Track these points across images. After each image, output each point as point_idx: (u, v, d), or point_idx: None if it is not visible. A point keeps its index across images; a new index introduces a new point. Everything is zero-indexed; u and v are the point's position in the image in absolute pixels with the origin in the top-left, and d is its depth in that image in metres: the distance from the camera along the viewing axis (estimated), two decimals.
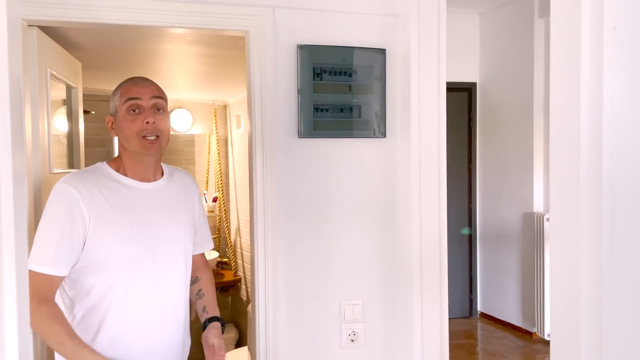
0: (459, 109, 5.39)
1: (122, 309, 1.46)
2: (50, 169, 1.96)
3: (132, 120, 1.48)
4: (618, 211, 0.92)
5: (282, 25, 1.95)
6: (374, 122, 2.05)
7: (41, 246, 1.39)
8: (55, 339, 1.35)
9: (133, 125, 1.48)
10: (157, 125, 1.49)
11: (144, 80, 1.55)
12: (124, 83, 1.54)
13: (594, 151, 0.93)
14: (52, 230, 1.39)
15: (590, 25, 0.92)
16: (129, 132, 1.48)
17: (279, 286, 1.96)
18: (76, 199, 1.40)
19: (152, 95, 1.51)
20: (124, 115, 1.48)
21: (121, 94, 1.51)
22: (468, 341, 4.83)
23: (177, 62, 3.13)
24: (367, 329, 2.07)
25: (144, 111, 1.49)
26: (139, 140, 1.48)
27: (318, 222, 2.01)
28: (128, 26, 1.81)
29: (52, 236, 1.39)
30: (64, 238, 1.39)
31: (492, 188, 5.27)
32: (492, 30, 5.18)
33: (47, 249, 1.38)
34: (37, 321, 1.34)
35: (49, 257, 1.38)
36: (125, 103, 1.48)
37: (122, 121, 1.49)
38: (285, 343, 1.98)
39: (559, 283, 1.01)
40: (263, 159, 1.93)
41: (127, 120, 1.48)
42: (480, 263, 5.45)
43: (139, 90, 1.50)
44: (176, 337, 1.57)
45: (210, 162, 4.40)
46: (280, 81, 1.95)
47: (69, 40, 2.35)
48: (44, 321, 1.35)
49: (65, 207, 1.40)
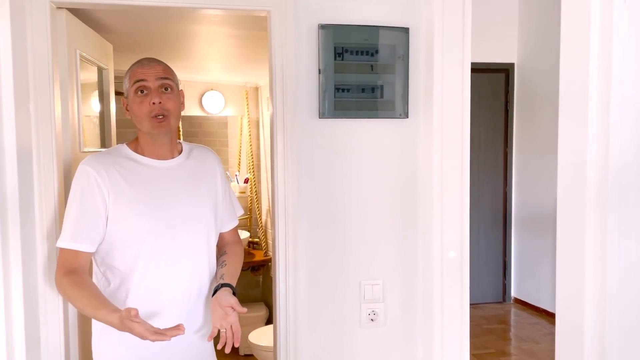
0: (495, 91, 5.26)
1: (144, 284, 1.51)
2: (80, 147, 2.03)
3: (141, 101, 1.52)
4: (625, 197, 0.90)
5: (304, 4, 1.94)
6: (396, 103, 2.03)
7: (65, 224, 1.50)
8: (78, 304, 1.45)
9: (142, 107, 1.52)
10: (164, 105, 1.53)
11: (150, 61, 1.57)
12: (133, 65, 1.57)
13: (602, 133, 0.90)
14: (72, 209, 1.49)
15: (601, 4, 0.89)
16: (139, 113, 1.52)
17: (300, 265, 1.99)
18: (94, 178, 1.48)
19: (157, 77, 1.53)
20: (132, 98, 1.53)
21: (130, 77, 1.55)
22: (500, 326, 4.78)
23: (208, 43, 3.17)
24: (387, 309, 2.08)
25: (150, 92, 1.53)
26: (149, 121, 1.52)
27: (338, 202, 2.01)
28: (153, 7, 1.84)
29: (72, 214, 1.49)
30: (82, 215, 1.48)
31: (529, 171, 5.15)
32: (533, 10, 5.00)
33: (68, 226, 1.49)
34: (63, 290, 1.48)
35: (69, 233, 1.48)
36: (133, 85, 1.53)
37: (132, 103, 1.54)
38: (305, 321, 2.01)
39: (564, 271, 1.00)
40: (284, 139, 1.95)
41: (135, 102, 1.52)
42: (515, 248, 5.35)
43: (145, 71, 1.53)
44: (200, 311, 1.60)
45: (242, 144, 4.45)
46: (301, 61, 1.95)
47: (100, 23, 2.40)
48: (67, 289, 1.45)
49: (85, 187, 1.49)
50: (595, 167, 0.93)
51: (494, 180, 5.31)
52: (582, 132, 0.94)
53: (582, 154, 0.95)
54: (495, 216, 5.33)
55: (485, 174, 5.26)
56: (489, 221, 5.30)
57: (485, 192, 5.26)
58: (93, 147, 2.33)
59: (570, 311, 0.99)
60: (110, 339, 1.52)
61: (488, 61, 5.10)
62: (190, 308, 1.58)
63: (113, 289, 1.53)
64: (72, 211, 1.49)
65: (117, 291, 1.52)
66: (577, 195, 0.96)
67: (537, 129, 5.01)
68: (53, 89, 1.77)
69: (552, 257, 4.85)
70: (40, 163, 1.75)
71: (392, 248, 2.08)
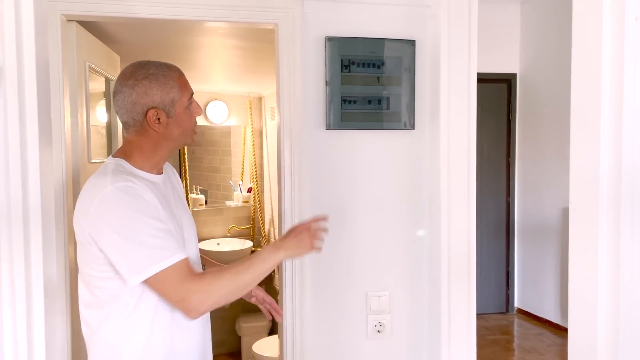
0: (497, 101, 5.28)
1: None
2: (88, 158, 2.05)
3: (191, 116, 1.41)
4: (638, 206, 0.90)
5: (311, 17, 1.96)
6: (403, 114, 2.04)
7: (154, 243, 1.26)
8: (237, 282, 1.32)
9: (191, 121, 1.41)
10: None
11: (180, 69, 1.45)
12: (173, 74, 1.37)
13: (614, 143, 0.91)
14: (152, 225, 1.27)
15: (612, 16, 0.90)
16: (188, 127, 1.40)
17: (305, 276, 1.99)
18: (140, 194, 1.30)
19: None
20: (185, 111, 1.38)
21: (181, 88, 1.37)
22: (504, 337, 4.76)
23: (213, 54, 3.19)
24: (394, 320, 2.08)
25: (192, 105, 1.43)
26: (191, 134, 1.42)
27: (345, 213, 2.02)
28: (161, 20, 1.86)
29: (158, 228, 1.27)
30: (165, 226, 1.30)
31: (532, 181, 5.15)
32: (535, 20, 5.03)
33: (164, 242, 1.27)
34: (209, 292, 1.29)
35: (172, 245, 1.28)
36: (190, 98, 1.39)
37: (183, 117, 1.38)
38: (311, 332, 2.01)
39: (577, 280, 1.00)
40: (291, 150, 1.96)
41: (189, 115, 1.39)
42: (518, 258, 5.34)
43: (187, 82, 1.42)
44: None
45: (246, 153, 4.46)
46: (308, 73, 1.97)
47: (108, 34, 2.43)
48: (207, 288, 1.29)
49: (145, 205, 1.29)
50: (608, 176, 0.94)
51: (497, 190, 5.31)
52: (595, 142, 0.95)
53: (594, 163, 0.96)
54: (498, 226, 5.33)
55: (487, 183, 5.26)
56: (492, 231, 5.29)
57: (487, 202, 5.27)
58: (100, 158, 2.34)
59: (583, 326, 0.99)
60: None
61: (490, 71, 5.12)
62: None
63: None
64: (155, 226, 1.26)
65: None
66: (590, 205, 0.97)
67: (539, 139, 5.02)
68: (63, 100, 1.79)
69: (556, 267, 4.85)
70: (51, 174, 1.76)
71: (399, 259, 2.08)
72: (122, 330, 1.32)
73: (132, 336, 1.32)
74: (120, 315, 1.32)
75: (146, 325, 1.33)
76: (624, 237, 0.90)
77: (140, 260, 1.24)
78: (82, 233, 1.29)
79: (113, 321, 1.32)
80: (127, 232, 1.24)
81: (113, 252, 1.25)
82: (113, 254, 1.26)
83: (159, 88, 1.34)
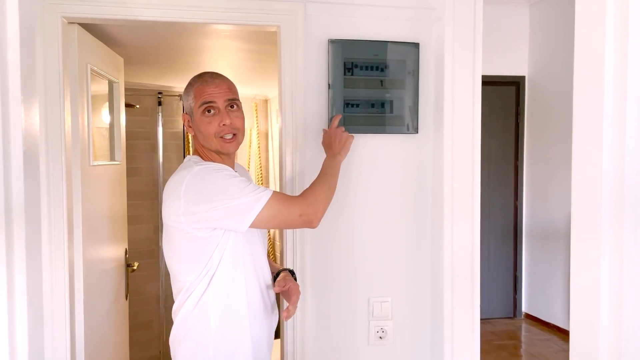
0: (505, 104, 5.23)
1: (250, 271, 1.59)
2: (89, 161, 2.04)
3: (209, 122, 1.51)
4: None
5: (314, 19, 1.94)
6: (406, 118, 2.01)
7: (246, 192, 1.44)
8: (324, 190, 1.59)
9: (210, 127, 1.51)
10: (233, 123, 1.53)
11: (214, 77, 1.55)
12: (196, 82, 1.54)
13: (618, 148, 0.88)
14: (238, 183, 1.45)
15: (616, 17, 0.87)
16: (207, 133, 1.51)
17: (307, 281, 1.97)
18: (223, 167, 1.51)
19: (226, 97, 1.53)
20: (200, 118, 1.51)
21: (195, 96, 1.52)
22: (511, 342, 4.71)
23: (218, 57, 3.18)
24: (396, 327, 2.05)
25: (219, 112, 1.51)
26: (217, 140, 1.52)
27: (348, 219, 2.00)
28: (162, 23, 1.85)
29: (242, 183, 1.45)
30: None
31: (540, 185, 5.10)
32: (544, 23, 4.98)
33: (252, 187, 1.46)
34: (315, 201, 1.55)
35: (258, 187, 1.47)
36: (201, 106, 1.50)
37: (199, 123, 1.52)
38: (312, 337, 1.99)
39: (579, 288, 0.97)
40: (293, 154, 1.94)
41: (204, 122, 1.51)
42: (526, 262, 5.28)
43: (212, 91, 1.51)
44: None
45: (251, 155, 4.45)
46: (311, 76, 1.95)
47: (111, 37, 2.42)
48: (312, 198, 1.55)
49: (227, 170, 1.49)
50: (611, 182, 0.91)
51: (505, 193, 5.26)
52: (597, 147, 0.92)
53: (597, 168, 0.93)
54: (505, 230, 5.27)
55: (495, 187, 5.21)
56: (500, 235, 5.24)
57: (495, 206, 5.22)
58: (103, 160, 2.33)
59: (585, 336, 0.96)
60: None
61: (499, 74, 5.08)
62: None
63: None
64: (243, 182, 1.46)
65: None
66: (593, 212, 0.94)
67: (548, 142, 4.97)
68: (64, 102, 1.78)
69: (564, 272, 4.79)
70: (50, 176, 1.75)
71: (402, 264, 2.05)
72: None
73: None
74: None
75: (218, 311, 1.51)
76: (626, 245, 0.87)
77: (245, 205, 1.42)
78: (176, 216, 1.43)
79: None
80: (221, 191, 1.42)
81: (217, 214, 1.42)
82: (217, 216, 1.42)
83: (186, 95, 1.56)
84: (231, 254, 1.49)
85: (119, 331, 2.51)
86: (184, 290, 1.51)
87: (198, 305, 1.49)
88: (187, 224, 1.43)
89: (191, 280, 1.49)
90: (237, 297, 1.51)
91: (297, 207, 1.50)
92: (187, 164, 1.53)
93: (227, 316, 1.51)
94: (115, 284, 2.43)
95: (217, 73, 1.58)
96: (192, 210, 1.42)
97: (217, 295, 1.49)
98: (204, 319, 1.49)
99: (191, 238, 1.45)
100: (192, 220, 1.42)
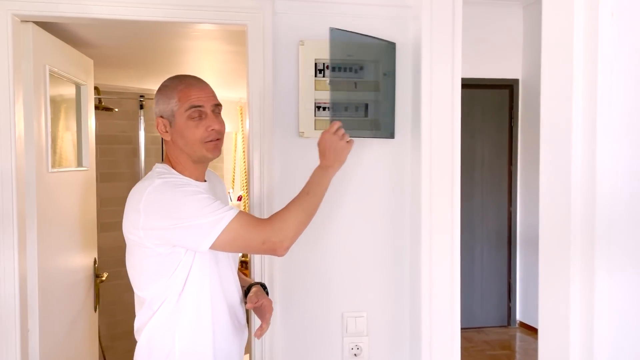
0: (499, 107, 5.12)
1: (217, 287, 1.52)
2: (47, 168, 1.93)
3: (196, 126, 1.43)
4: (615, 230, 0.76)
5: (283, 18, 1.84)
6: (382, 122, 1.90)
7: (209, 211, 1.34)
8: (305, 207, 1.45)
9: (197, 132, 1.43)
10: (220, 128, 1.46)
11: (199, 81, 1.48)
12: (179, 85, 1.45)
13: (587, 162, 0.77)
14: (201, 199, 1.36)
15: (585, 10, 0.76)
16: (192, 138, 1.43)
17: (276, 294, 1.85)
18: (185, 182, 1.44)
19: (213, 102, 1.46)
20: (185, 122, 1.43)
21: (180, 99, 1.43)
22: (504, 352, 4.59)
23: (198, 59, 3.08)
24: (372, 343, 1.94)
25: (206, 117, 1.44)
26: (203, 145, 1.44)
27: (319, 228, 1.88)
28: (120, 21, 1.75)
29: (207, 201, 1.36)
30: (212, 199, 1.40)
31: (534, 190, 4.98)
32: (538, 25, 4.87)
33: (216, 205, 1.36)
34: (282, 228, 1.39)
35: (222, 206, 1.36)
36: (188, 110, 1.42)
37: (183, 128, 1.43)
38: (282, 355, 1.88)
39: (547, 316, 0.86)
40: (261, 158, 1.83)
41: (189, 127, 1.43)
42: (520, 269, 5.17)
43: (200, 95, 1.44)
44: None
45: (237, 160, 4.35)
46: (280, 78, 1.85)
47: (78, 37, 2.31)
48: (280, 223, 1.40)
49: (190, 186, 1.41)
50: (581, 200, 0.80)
51: (498, 198, 5.15)
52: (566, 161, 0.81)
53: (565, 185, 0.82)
54: (499, 236, 5.16)
55: (489, 192, 5.10)
56: (493, 241, 5.13)
57: (489, 211, 5.11)
58: (68, 167, 2.23)
59: None
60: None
61: (492, 77, 4.99)
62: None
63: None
64: (205, 200, 1.36)
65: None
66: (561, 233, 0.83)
67: None
68: (14, 106, 1.68)
69: None
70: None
71: (378, 277, 1.94)
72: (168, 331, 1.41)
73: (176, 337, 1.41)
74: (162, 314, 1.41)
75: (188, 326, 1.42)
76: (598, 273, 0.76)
77: (203, 226, 1.32)
78: (135, 229, 1.36)
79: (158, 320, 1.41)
80: (181, 210, 1.33)
81: (174, 234, 1.33)
82: (175, 235, 1.33)
83: (163, 98, 1.45)
84: (197, 273, 1.41)
85: (87, 345, 2.40)
86: (145, 306, 1.43)
87: (164, 325, 1.41)
88: (146, 239, 1.36)
89: (151, 295, 1.41)
90: (203, 317, 1.44)
91: (261, 234, 1.38)
92: (150, 174, 1.46)
93: (193, 337, 1.43)
94: (81, 295, 2.32)
95: (200, 79, 1.51)
96: (151, 226, 1.34)
97: (184, 315, 1.41)
98: (169, 339, 1.41)
99: (150, 253, 1.37)
100: (150, 236, 1.35)
